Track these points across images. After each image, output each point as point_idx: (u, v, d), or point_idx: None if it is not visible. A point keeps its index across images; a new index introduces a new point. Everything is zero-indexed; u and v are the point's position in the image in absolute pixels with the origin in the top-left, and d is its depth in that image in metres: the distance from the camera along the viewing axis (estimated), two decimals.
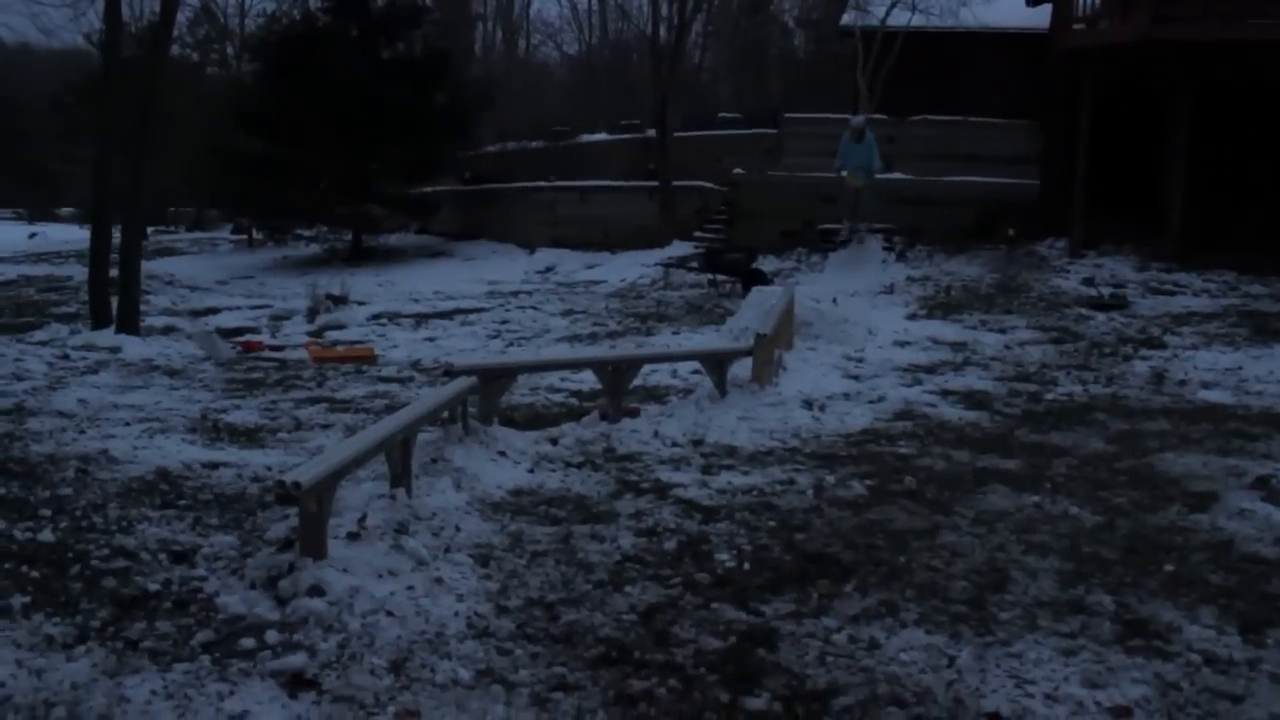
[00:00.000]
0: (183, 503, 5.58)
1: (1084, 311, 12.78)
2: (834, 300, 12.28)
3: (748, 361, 8.34)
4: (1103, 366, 10.19)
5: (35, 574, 4.45)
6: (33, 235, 36.79)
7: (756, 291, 11.21)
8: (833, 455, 6.76)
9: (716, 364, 8.10)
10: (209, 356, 11.44)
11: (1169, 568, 4.73)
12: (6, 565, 4.53)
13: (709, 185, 21.49)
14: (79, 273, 18.37)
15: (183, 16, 32.34)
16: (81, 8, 37.32)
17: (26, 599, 4.18)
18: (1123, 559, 4.85)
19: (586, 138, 27.56)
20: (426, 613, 4.11)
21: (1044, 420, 7.95)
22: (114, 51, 14.98)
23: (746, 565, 4.73)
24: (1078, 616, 4.19)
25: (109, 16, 14.37)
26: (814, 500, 5.75)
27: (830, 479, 6.14)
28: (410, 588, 4.30)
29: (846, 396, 8.54)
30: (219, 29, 40.94)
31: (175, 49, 31.48)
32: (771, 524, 5.32)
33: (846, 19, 24.11)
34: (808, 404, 8.03)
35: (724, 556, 4.84)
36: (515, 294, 17.17)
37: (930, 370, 9.95)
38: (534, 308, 15.38)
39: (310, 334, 13.92)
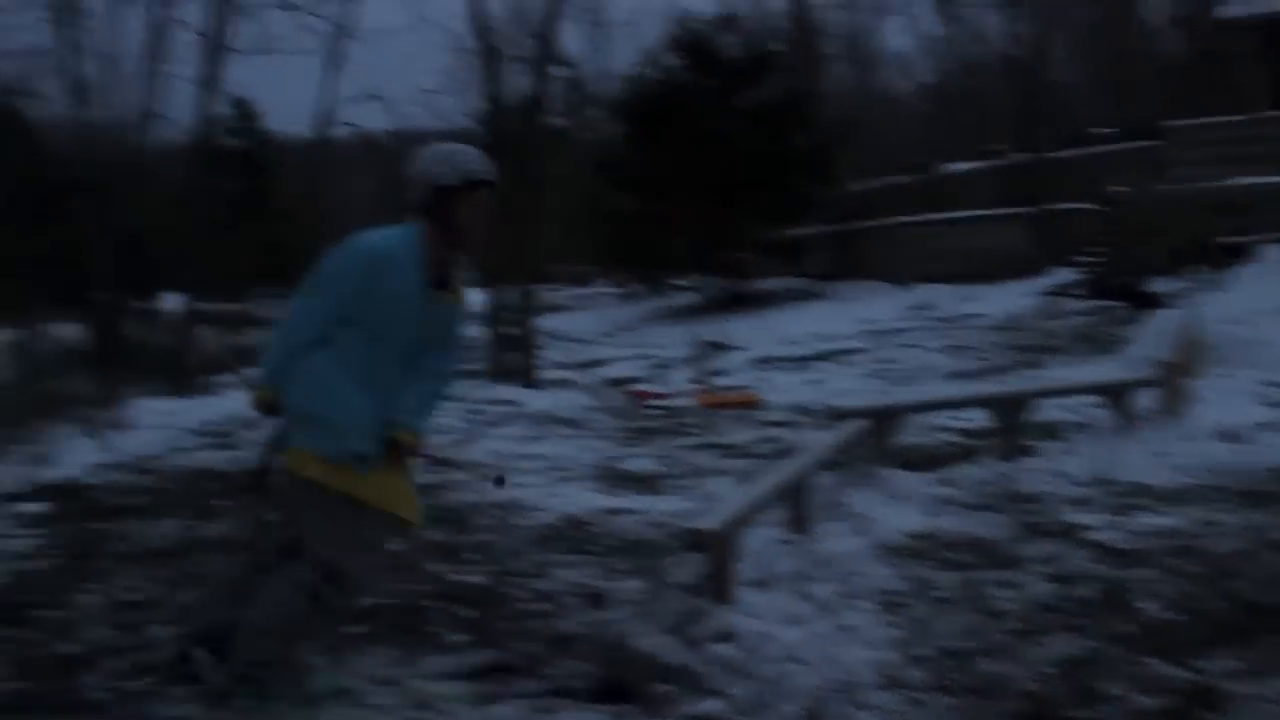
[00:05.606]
0: (591, 548, 5.86)
1: None
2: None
3: (1150, 392, 7.81)
4: None
5: (467, 614, 4.81)
6: None
7: (1154, 316, 10.49)
8: (1260, 492, 6.17)
9: (1117, 395, 7.64)
10: (601, 406, 12.03)
11: None
12: (441, 604, 4.93)
13: (1085, 206, 20.41)
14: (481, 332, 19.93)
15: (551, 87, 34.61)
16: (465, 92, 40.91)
17: (463, 637, 4.52)
18: None
19: (949, 167, 26.91)
20: (836, 660, 4.08)
21: None
22: (495, 126, 16.38)
23: (1175, 616, 4.39)
24: None
25: (490, 96, 15.84)
26: (1245, 543, 5.26)
27: (1260, 519, 5.60)
28: (817, 635, 4.30)
29: (1269, 427, 7.78)
30: (584, 95, 43.37)
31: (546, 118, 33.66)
32: (1198, 570, 4.91)
33: (1235, 11, 22.27)
34: (1224, 436, 7.39)
35: (1148, 606, 4.51)
36: (892, 332, 16.94)
37: None
38: (914, 345, 15.11)
39: (693, 381, 14.34)
